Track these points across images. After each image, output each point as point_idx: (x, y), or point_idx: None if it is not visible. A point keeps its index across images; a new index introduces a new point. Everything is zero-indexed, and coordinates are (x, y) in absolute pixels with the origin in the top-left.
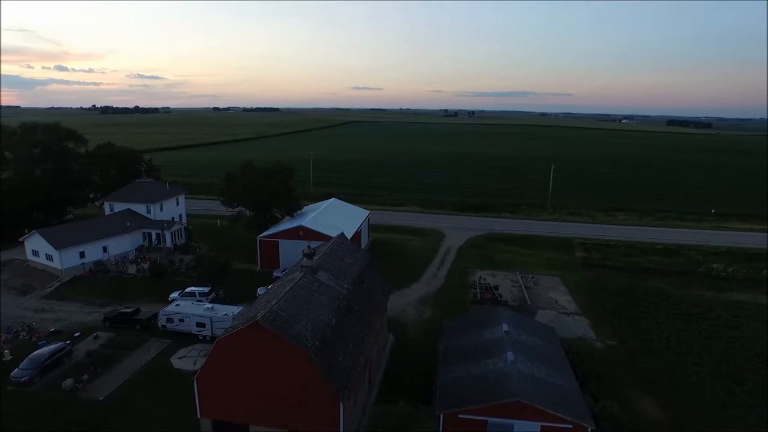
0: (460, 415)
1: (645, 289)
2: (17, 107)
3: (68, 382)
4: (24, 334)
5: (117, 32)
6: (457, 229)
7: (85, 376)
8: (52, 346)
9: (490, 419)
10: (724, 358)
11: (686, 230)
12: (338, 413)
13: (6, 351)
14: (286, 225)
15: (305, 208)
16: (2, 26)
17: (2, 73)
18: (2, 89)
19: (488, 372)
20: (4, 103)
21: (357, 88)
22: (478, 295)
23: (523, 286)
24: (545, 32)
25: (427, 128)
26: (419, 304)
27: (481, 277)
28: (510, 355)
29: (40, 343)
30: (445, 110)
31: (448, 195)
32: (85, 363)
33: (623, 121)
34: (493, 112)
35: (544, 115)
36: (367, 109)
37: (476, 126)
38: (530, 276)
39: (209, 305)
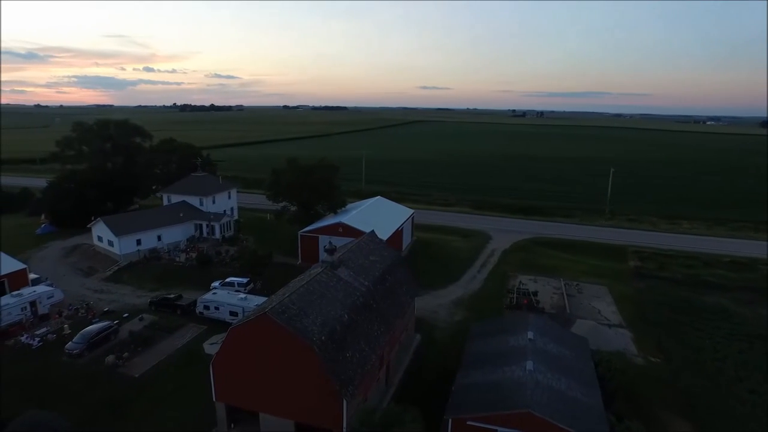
0: (468, 422)
1: (702, 305)
2: (111, 106)
3: (110, 358)
4: (82, 311)
5: (199, 34)
6: (505, 232)
7: (126, 354)
8: (101, 324)
9: (499, 429)
10: None
11: (762, 242)
12: (341, 409)
13: (65, 325)
14: (327, 221)
15: (349, 206)
16: (103, 33)
17: (101, 75)
18: (100, 90)
19: (504, 380)
20: (100, 103)
21: (425, 87)
22: (515, 300)
23: (564, 294)
24: (622, 30)
25: (492, 128)
26: (452, 305)
27: (520, 281)
28: (529, 364)
29: (93, 320)
30: (513, 110)
31: (500, 196)
32: (128, 342)
33: (708, 122)
34: (564, 112)
35: (618, 116)
36: (433, 109)
37: (543, 127)
38: (575, 283)
39: (243, 295)
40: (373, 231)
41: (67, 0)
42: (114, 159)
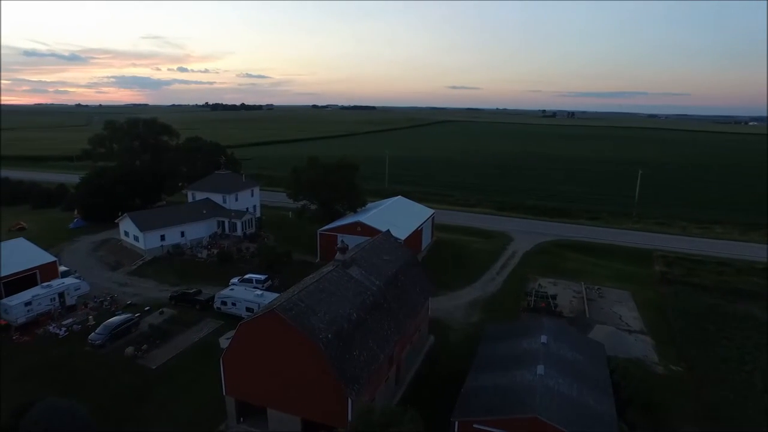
0: (475, 425)
1: (732, 313)
2: (146, 105)
3: (129, 350)
4: (106, 303)
5: (231, 35)
6: (528, 234)
7: (144, 346)
8: (123, 317)
9: None
10: None
11: None
12: (346, 407)
13: (90, 317)
14: (346, 220)
15: (369, 205)
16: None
17: (137, 75)
18: (136, 90)
19: (514, 383)
20: (136, 102)
21: (454, 87)
22: (532, 303)
23: (585, 298)
24: (660, 28)
25: (521, 129)
26: (469, 307)
27: (539, 284)
28: (540, 369)
29: (117, 312)
30: (543, 111)
31: (525, 198)
32: (147, 334)
33: (751, 123)
34: (596, 113)
35: (653, 116)
36: (462, 109)
37: (573, 128)
38: (596, 288)
39: (259, 292)
40: (388, 230)
41: (109, 0)
42: (142, 156)
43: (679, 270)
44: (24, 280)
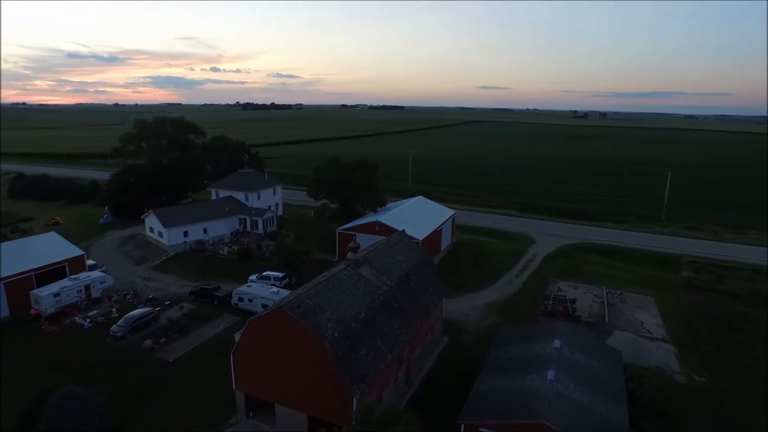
0: (481, 429)
1: (762, 322)
2: (179, 104)
3: (148, 342)
4: (129, 297)
5: (263, 35)
6: (550, 236)
7: (163, 339)
8: (143, 310)
9: None
10: None
11: None
12: (350, 406)
13: (114, 309)
14: (365, 219)
15: (390, 205)
16: (176, 35)
17: (172, 75)
18: (170, 90)
19: (523, 388)
20: (170, 101)
21: (484, 87)
22: (549, 306)
23: (605, 303)
24: (698, 27)
25: (550, 130)
26: (485, 309)
27: (558, 287)
28: (551, 374)
29: (138, 306)
30: (574, 111)
31: (549, 199)
32: (166, 328)
33: None
34: (630, 114)
35: (690, 117)
36: (492, 109)
37: (605, 128)
38: (618, 292)
39: (275, 289)
40: (403, 230)
41: (145, 0)
42: (169, 154)
43: (708, 276)
44: (54, 273)
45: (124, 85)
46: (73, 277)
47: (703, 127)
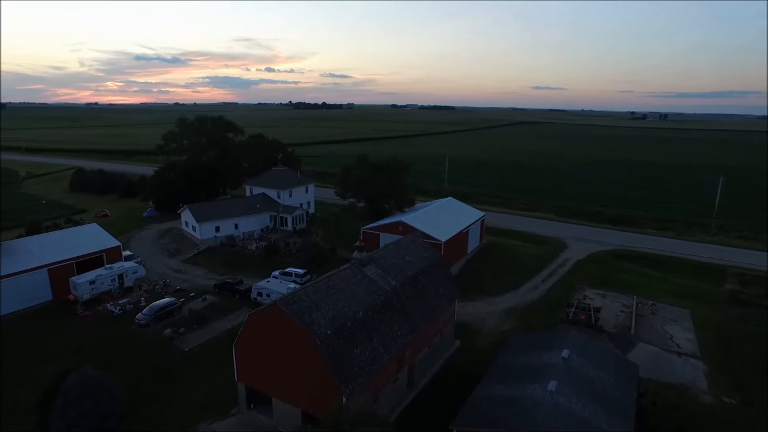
0: None
1: None
2: (235, 104)
3: (168, 332)
4: (159, 287)
5: (316, 36)
6: (585, 241)
7: (182, 329)
8: (167, 300)
9: None
10: None
11: None
12: (340, 403)
13: (143, 298)
14: (390, 219)
15: (418, 205)
16: (233, 37)
17: (229, 75)
18: (227, 89)
19: (521, 397)
20: (227, 101)
21: (538, 87)
22: (571, 314)
23: (634, 313)
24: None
25: (604, 131)
26: (504, 314)
27: (584, 296)
28: (552, 384)
29: (166, 296)
30: (632, 112)
31: (589, 203)
32: (187, 318)
33: None
34: (694, 115)
35: (765, 118)
36: (545, 110)
37: (665, 131)
38: (650, 303)
39: (292, 285)
40: (417, 230)
41: (206, 0)
42: (209, 152)
43: (756, 290)
44: (93, 262)
45: (185, 86)
46: (108, 266)
47: None
